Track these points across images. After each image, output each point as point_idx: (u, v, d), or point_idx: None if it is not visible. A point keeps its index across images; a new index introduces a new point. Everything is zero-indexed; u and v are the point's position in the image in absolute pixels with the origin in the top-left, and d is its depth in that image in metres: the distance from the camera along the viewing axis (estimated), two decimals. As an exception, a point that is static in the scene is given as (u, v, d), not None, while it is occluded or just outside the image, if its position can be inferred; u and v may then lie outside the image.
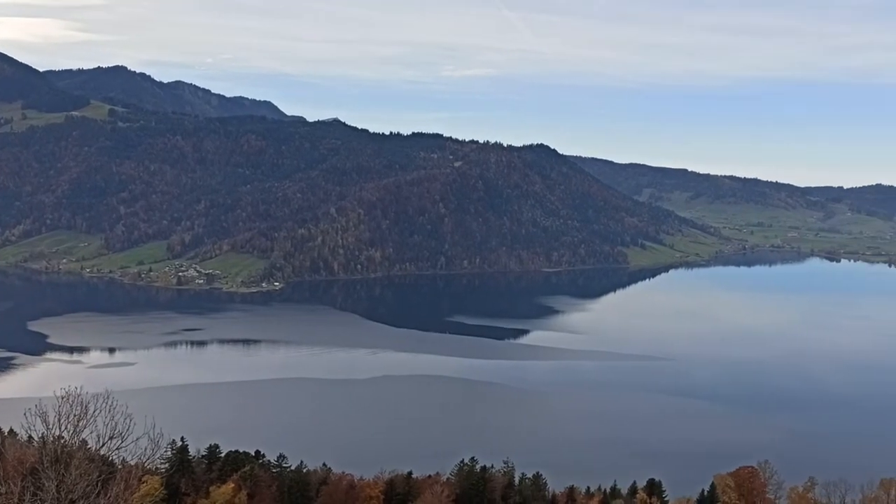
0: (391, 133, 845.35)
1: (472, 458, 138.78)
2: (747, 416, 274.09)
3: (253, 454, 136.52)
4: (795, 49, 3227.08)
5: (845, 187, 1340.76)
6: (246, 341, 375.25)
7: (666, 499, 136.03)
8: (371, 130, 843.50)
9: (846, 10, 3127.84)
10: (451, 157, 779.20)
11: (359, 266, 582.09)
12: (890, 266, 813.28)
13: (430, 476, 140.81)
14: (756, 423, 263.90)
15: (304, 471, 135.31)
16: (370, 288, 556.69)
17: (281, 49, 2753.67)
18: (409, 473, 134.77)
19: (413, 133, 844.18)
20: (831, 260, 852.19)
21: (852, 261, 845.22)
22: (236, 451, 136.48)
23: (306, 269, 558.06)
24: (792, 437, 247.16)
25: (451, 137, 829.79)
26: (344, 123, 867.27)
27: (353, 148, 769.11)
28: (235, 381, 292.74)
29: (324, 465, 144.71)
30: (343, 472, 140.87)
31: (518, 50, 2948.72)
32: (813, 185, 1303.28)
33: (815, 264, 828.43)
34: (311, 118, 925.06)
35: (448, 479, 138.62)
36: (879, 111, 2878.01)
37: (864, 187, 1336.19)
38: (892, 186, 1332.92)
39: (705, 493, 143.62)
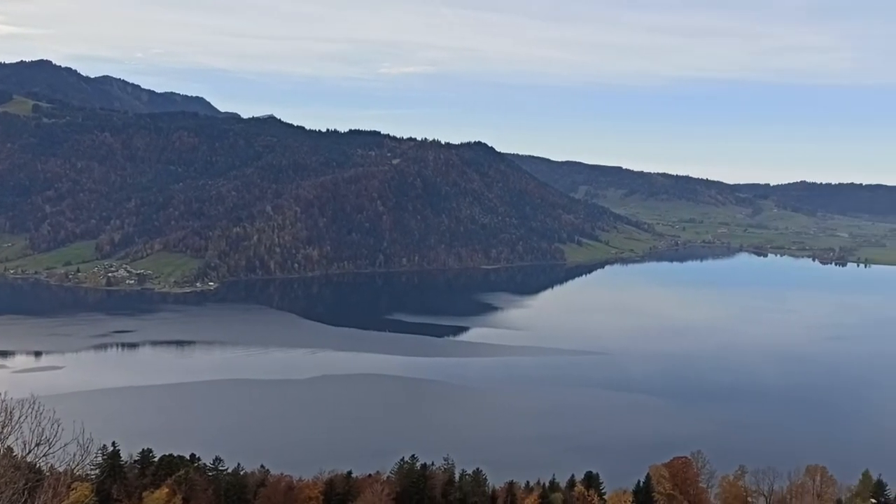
0: (328, 130, 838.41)
1: (413, 455, 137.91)
2: (681, 409, 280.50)
3: (188, 458, 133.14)
4: (729, 50, 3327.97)
5: (772, 184, 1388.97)
6: (179, 343, 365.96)
7: (603, 491, 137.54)
8: (308, 128, 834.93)
9: (779, 13, 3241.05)
10: (389, 154, 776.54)
11: (296, 265, 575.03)
12: (814, 261, 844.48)
13: (370, 475, 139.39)
14: (689, 415, 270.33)
15: (242, 473, 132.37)
16: (308, 287, 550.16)
17: (215, 44, 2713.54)
18: (349, 473, 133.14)
19: (351, 130, 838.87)
20: (759, 255, 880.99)
21: (779, 255, 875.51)
22: (170, 455, 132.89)
23: (242, 269, 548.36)
24: (723, 428, 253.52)
25: (389, 135, 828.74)
26: (280, 120, 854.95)
27: (289, 145, 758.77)
28: (169, 383, 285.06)
29: (262, 466, 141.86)
30: (282, 474, 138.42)
31: (456, 47, 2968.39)
32: (742, 182, 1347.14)
33: (744, 259, 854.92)
34: (245, 115, 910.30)
35: (388, 477, 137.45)
36: (806, 111, 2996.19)
37: (789, 184, 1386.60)
38: (815, 183, 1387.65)
39: (641, 484, 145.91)
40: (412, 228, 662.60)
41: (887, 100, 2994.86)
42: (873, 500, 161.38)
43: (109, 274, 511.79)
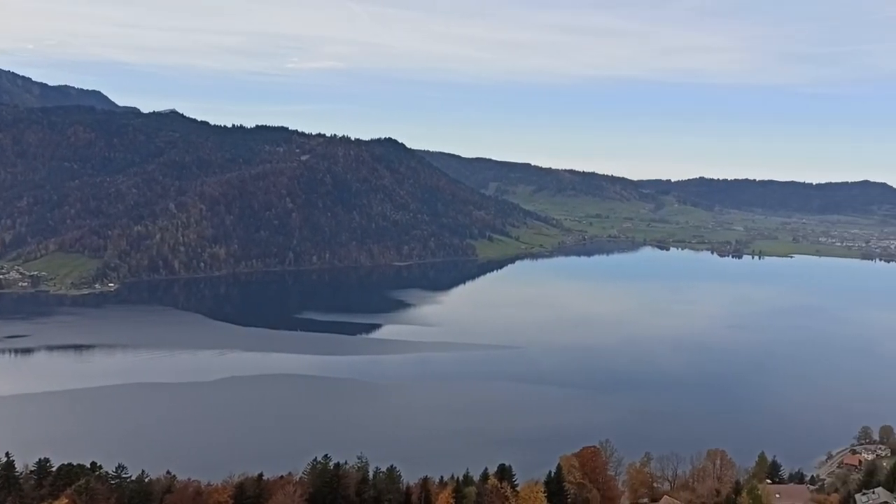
0: (234, 126, 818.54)
1: (326, 455, 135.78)
2: (590, 399, 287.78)
3: (88, 466, 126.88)
4: (630, 50, 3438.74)
5: (673, 180, 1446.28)
6: (78, 347, 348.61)
7: (516, 483, 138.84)
8: (212, 123, 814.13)
9: (677, 13, 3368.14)
10: (297, 150, 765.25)
11: (202, 264, 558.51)
12: (713, 253, 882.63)
13: (282, 477, 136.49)
14: (598, 405, 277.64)
15: (146, 480, 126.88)
16: (215, 286, 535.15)
17: (112, 35, 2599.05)
18: (260, 476, 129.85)
19: (257, 126, 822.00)
20: (661, 248, 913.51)
21: (680, 249, 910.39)
22: (70, 465, 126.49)
23: (144, 269, 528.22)
24: (631, 416, 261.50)
25: (297, 131, 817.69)
26: (182, 115, 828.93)
27: (192, 141, 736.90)
28: (67, 389, 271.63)
29: (168, 472, 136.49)
30: (189, 479, 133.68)
31: (365, 43, 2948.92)
32: (645, 178, 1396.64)
33: (648, 253, 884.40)
34: (145, 109, 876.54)
35: (301, 478, 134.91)
36: (703, 109, 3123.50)
37: (689, 180, 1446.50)
38: (713, 179, 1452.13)
39: (552, 474, 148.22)
40: (322, 225, 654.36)
41: (776, 99, 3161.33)
42: (769, 480, 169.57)
43: (0, 276, 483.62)
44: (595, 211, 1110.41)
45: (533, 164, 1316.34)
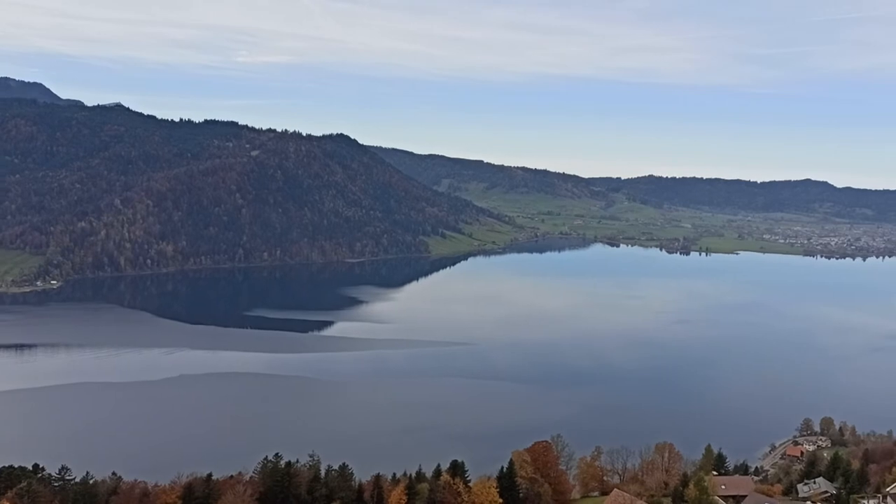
0: (182, 120, 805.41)
1: (277, 454, 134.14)
2: (542, 394, 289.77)
3: (30, 468, 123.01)
4: (581, 48, 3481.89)
5: (623, 178, 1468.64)
6: (19, 346, 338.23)
7: (468, 479, 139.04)
8: (159, 117, 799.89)
9: (628, 14, 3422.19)
10: (247, 145, 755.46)
11: (149, 261, 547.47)
12: (661, 250, 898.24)
13: (231, 476, 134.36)
14: (550, 400, 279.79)
15: (91, 482, 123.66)
16: (162, 284, 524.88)
17: (55, 27, 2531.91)
18: (209, 476, 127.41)
19: (206, 120, 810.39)
20: (612, 245, 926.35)
21: (630, 246, 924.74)
22: (10, 467, 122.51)
23: (88, 266, 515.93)
24: (582, 411, 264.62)
25: (247, 126, 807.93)
26: (128, 109, 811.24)
27: (138, 135, 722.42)
28: (8, 390, 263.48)
29: (113, 474, 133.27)
30: (136, 480, 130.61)
31: (317, 38, 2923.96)
32: (595, 175, 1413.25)
33: (599, 249, 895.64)
34: (89, 102, 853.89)
35: (251, 477, 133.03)
36: (653, 108, 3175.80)
37: (638, 178, 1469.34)
38: (662, 178, 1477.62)
39: (504, 469, 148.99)
40: (273, 222, 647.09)
41: (724, 99, 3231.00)
42: (715, 472, 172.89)
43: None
44: (547, 208, 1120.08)
45: (486, 162, 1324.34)
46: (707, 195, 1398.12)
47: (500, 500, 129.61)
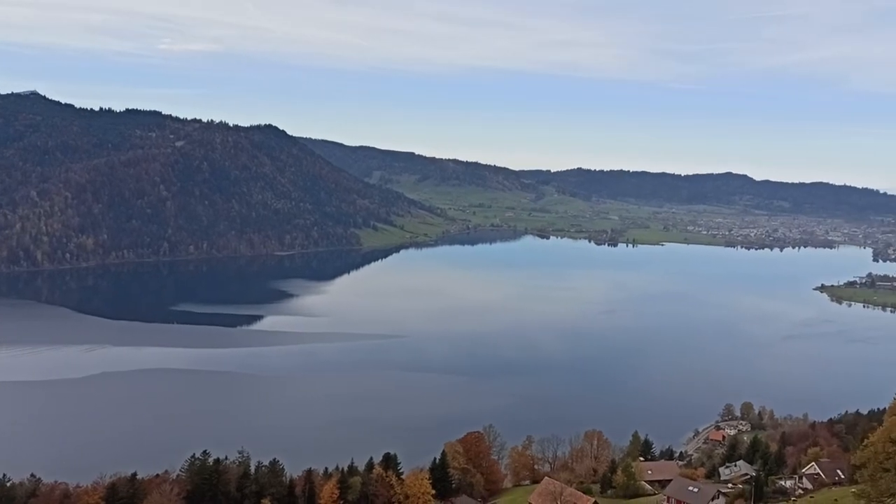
0: (102, 109, 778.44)
1: (205, 451, 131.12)
2: (475, 385, 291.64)
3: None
4: (511, 42, 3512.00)
5: (552, 171, 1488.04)
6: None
7: (401, 471, 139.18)
8: (77, 105, 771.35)
9: (555, 7, 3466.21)
10: (171, 136, 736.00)
11: (68, 255, 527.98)
12: (590, 242, 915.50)
13: (157, 475, 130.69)
14: (483, 391, 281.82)
15: (9, 484, 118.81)
16: (82, 278, 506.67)
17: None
18: (134, 475, 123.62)
19: (127, 110, 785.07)
20: (542, 237, 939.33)
21: (560, 238, 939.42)
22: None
23: (3, 260, 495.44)
24: (513, 401, 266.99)
25: (171, 115, 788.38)
26: (44, 97, 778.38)
27: (55, 124, 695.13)
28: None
29: (32, 475, 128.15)
30: (56, 482, 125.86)
31: (243, 26, 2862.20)
32: (526, 168, 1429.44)
33: (529, 241, 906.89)
34: (3, 90, 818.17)
35: (178, 476, 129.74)
36: (580, 102, 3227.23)
37: (567, 171, 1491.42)
38: (590, 170, 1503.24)
39: (437, 460, 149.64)
40: (199, 214, 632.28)
41: (648, 94, 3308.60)
42: (642, 458, 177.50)
43: None
44: (478, 200, 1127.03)
45: (417, 154, 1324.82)
46: (634, 188, 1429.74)
47: (433, 492, 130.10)
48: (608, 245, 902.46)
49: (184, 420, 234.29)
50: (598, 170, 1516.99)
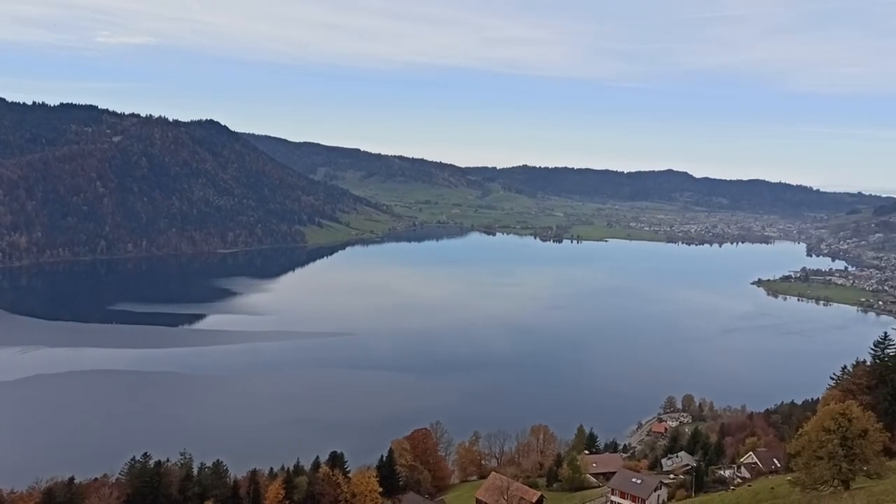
0: (35, 103, 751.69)
1: (145, 454, 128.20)
2: (422, 382, 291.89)
3: None
4: (456, 38, 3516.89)
5: (498, 168, 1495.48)
6: None
7: (348, 469, 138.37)
8: (9, 99, 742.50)
9: (500, 5, 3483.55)
10: (108, 131, 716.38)
11: (0, 253, 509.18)
12: (536, 238, 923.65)
13: (96, 479, 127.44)
14: (430, 388, 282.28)
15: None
16: (15, 278, 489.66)
17: None
18: (71, 479, 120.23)
19: (62, 104, 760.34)
20: (489, 234, 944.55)
21: (506, 234, 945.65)
22: None
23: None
24: (460, 398, 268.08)
25: (107, 110, 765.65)
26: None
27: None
28: None
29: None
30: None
31: (184, 19, 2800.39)
32: (472, 165, 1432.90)
33: (476, 238, 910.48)
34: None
35: (118, 479, 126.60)
36: (526, 100, 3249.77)
37: (513, 168, 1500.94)
38: (536, 167, 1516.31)
39: (384, 458, 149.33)
40: (138, 211, 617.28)
41: (592, 92, 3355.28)
42: (587, 451, 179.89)
43: None
44: (424, 197, 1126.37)
45: (362, 150, 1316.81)
46: (578, 185, 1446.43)
47: (380, 489, 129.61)
48: (553, 241, 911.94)
49: (123, 422, 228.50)
50: (543, 167, 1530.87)
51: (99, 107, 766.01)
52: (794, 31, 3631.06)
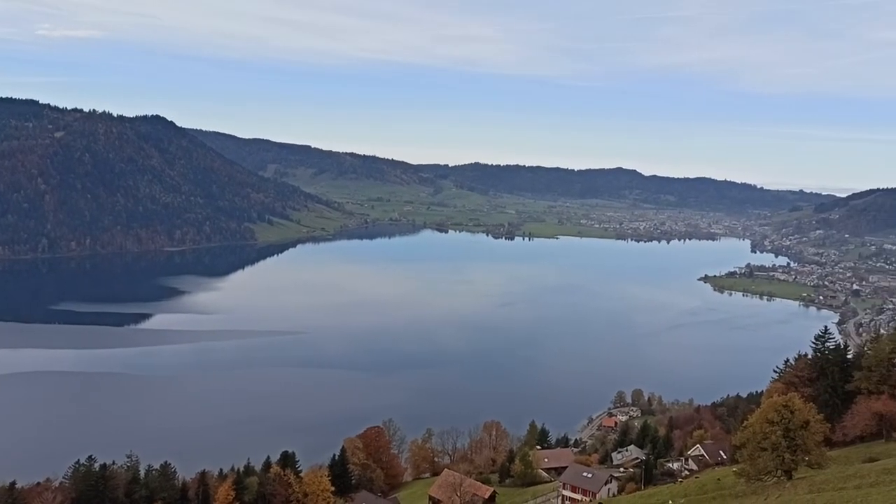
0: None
1: (90, 456, 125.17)
2: (375, 380, 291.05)
3: None
4: (408, 35, 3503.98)
5: (450, 165, 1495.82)
6: None
7: (299, 469, 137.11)
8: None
9: (453, 2, 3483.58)
10: (50, 126, 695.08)
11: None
12: (488, 235, 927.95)
13: (38, 483, 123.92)
14: (382, 386, 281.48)
15: None
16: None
17: None
18: (13, 484, 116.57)
19: (1, 98, 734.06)
20: (441, 231, 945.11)
21: (458, 232, 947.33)
22: None
23: None
24: (413, 395, 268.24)
25: (49, 105, 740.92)
26: None
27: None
28: None
29: None
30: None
31: (128, 12, 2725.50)
32: (424, 162, 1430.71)
33: (428, 235, 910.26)
34: None
35: (62, 483, 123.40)
36: (478, 97, 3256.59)
37: (465, 165, 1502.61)
38: (487, 165, 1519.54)
39: (336, 457, 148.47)
40: (82, 209, 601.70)
41: (543, 90, 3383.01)
42: (539, 446, 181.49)
43: None
44: (376, 194, 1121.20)
45: (314, 147, 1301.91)
46: (529, 182, 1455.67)
47: (332, 489, 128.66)
48: (505, 239, 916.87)
49: (67, 425, 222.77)
50: (494, 164, 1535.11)
51: (40, 101, 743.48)
52: (739, 32, 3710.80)
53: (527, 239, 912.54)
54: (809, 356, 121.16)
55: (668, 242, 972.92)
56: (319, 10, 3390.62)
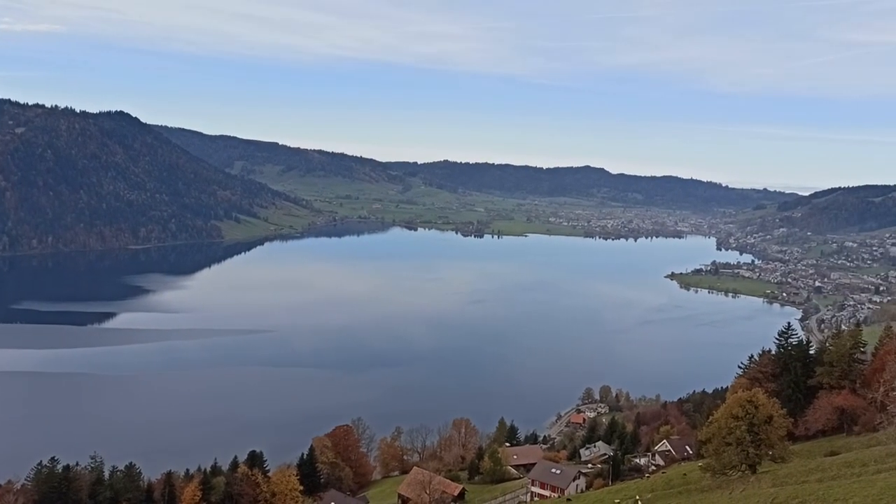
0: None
1: (53, 458, 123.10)
2: (344, 379, 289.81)
3: None
4: (376, 32, 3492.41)
5: (419, 163, 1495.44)
6: None
7: (267, 468, 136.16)
8: None
9: (420, 0, 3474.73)
10: (11, 122, 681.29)
11: None
12: (457, 233, 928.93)
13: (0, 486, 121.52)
14: (351, 384, 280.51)
15: None
16: None
17: None
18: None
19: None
20: (410, 229, 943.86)
21: (427, 229, 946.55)
22: None
23: None
24: (382, 393, 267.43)
25: (9, 100, 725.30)
26: None
27: None
28: None
29: None
30: None
31: (92, 6, 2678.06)
32: (393, 160, 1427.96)
33: (397, 233, 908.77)
34: None
35: (24, 485, 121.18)
36: (447, 95, 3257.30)
37: (434, 163, 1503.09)
38: (457, 163, 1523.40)
39: (304, 456, 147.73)
40: (44, 206, 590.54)
41: (512, 89, 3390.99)
42: (508, 443, 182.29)
43: None
44: (345, 192, 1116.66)
45: (281, 144, 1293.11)
46: (498, 180, 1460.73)
47: (301, 488, 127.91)
48: (475, 236, 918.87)
49: (29, 426, 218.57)
50: (463, 162, 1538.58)
51: (0, 97, 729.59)
52: (705, 32, 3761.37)
53: (496, 237, 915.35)
54: (773, 352, 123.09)
55: (635, 240, 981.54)
56: (287, 5, 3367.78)
